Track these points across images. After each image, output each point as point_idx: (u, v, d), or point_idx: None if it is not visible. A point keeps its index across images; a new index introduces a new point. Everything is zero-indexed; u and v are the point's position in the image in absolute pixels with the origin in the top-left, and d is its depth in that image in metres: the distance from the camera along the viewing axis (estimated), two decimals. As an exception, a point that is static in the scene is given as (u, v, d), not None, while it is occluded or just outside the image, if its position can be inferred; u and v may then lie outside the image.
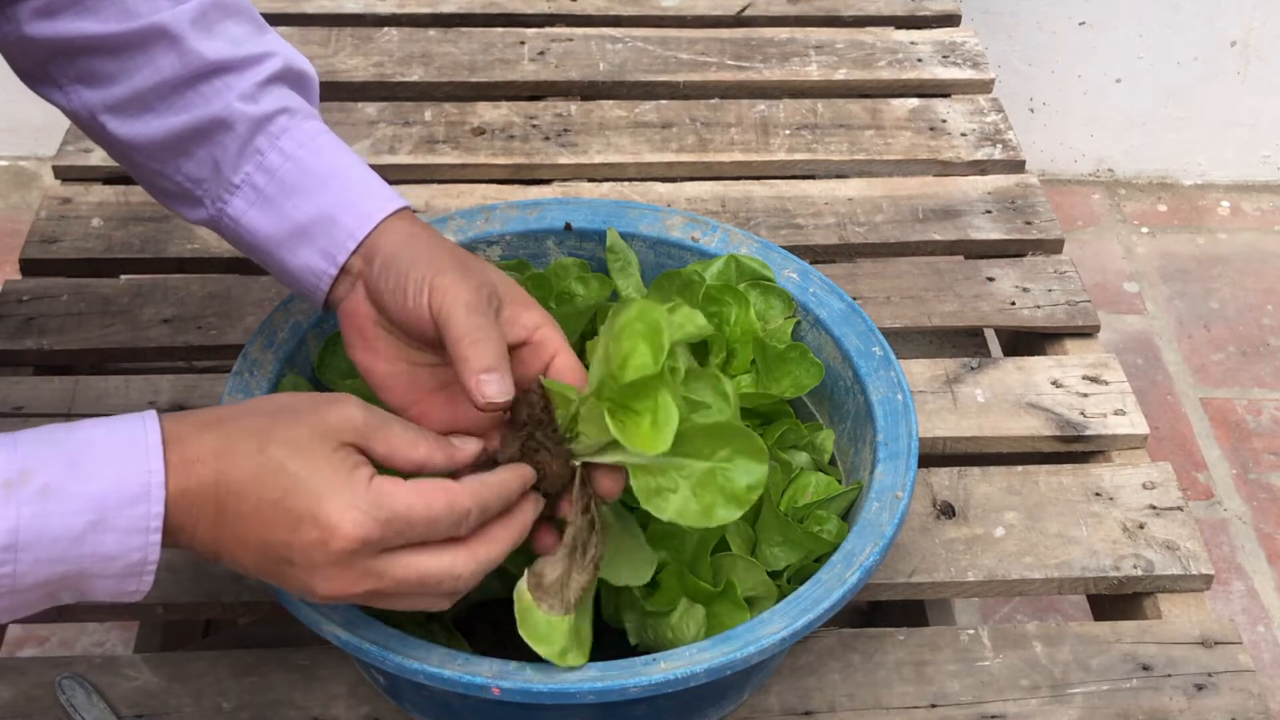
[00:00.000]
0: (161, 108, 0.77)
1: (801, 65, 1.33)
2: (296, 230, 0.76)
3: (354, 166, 0.78)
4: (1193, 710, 0.82)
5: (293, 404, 0.65)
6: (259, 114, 0.76)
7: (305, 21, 1.36)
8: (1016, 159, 1.24)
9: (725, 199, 1.18)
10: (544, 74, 1.30)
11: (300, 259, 0.76)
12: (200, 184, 0.78)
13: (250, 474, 0.62)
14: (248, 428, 0.63)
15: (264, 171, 0.76)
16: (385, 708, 0.80)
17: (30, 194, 2.05)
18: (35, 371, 1.02)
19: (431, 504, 0.63)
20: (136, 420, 0.62)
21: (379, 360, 0.74)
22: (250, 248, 0.78)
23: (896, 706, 0.82)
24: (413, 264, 0.72)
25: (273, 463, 0.62)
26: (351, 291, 0.75)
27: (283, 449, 0.62)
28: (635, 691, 0.67)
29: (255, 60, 0.78)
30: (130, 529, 0.60)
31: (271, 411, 0.64)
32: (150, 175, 0.80)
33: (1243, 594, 1.59)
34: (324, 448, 0.63)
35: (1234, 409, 1.81)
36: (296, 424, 0.63)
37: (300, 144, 0.77)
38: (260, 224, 0.77)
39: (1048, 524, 0.92)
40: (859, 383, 0.84)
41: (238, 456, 0.62)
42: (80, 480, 0.59)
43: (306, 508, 0.61)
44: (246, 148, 0.76)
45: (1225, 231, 2.11)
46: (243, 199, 0.77)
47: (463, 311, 0.69)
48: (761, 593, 0.77)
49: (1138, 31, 2.04)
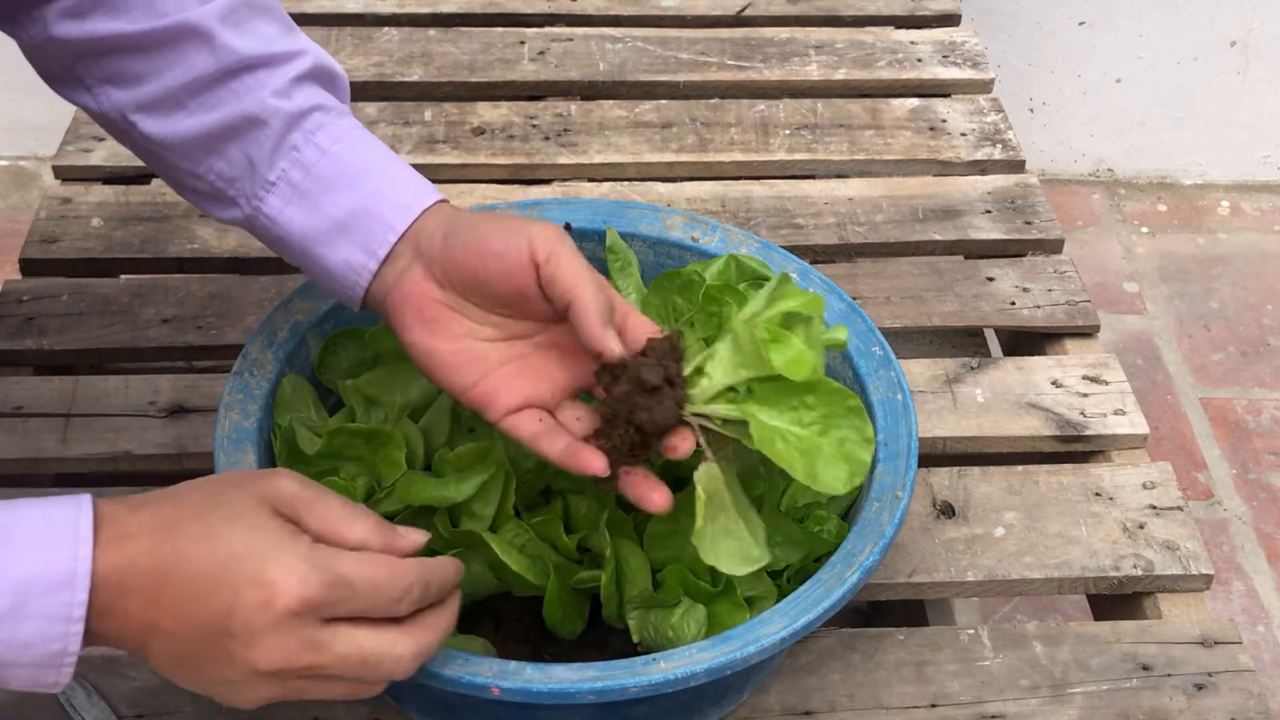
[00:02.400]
0: (194, 105, 0.76)
1: (801, 65, 1.33)
2: (335, 226, 0.75)
3: (391, 161, 0.77)
4: (1193, 710, 0.82)
5: (229, 478, 0.64)
6: (294, 110, 0.76)
7: (305, 21, 1.35)
8: (1016, 159, 1.24)
9: (725, 199, 1.18)
10: (544, 74, 1.30)
11: (340, 255, 0.75)
12: (234, 183, 0.77)
13: (190, 543, 0.60)
14: (186, 501, 0.62)
15: (300, 167, 0.76)
16: (385, 708, 0.80)
17: (30, 194, 2.05)
18: (35, 371, 1.02)
19: (376, 571, 0.61)
20: (71, 503, 0.60)
21: (441, 339, 0.73)
22: (286, 246, 0.77)
23: (896, 706, 0.82)
24: (489, 223, 0.71)
25: (213, 530, 0.60)
26: (404, 276, 0.74)
27: (222, 517, 0.61)
28: (635, 691, 0.67)
29: (287, 57, 0.77)
30: (51, 616, 0.58)
31: (208, 487, 0.64)
32: (182, 176, 0.79)
33: (1243, 594, 1.58)
34: (263, 516, 0.61)
35: (1234, 409, 1.81)
36: (234, 495, 0.62)
37: (336, 139, 0.76)
38: (298, 221, 0.76)
39: (1048, 524, 0.92)
40: (859, 383, 0.84)
41: (177, 528, 0.60)
42: (5, 562, 0.57)
43: (250, 570, 0.59)
44: (282, 144, 0.76)
45: (1225, 231, 2.11)
46: (279, 196, 0.76)
47: (571, 256, 0.69)
48: (761, 593, 0.77)
49: (1138, 31, 2.04)
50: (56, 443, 0.94)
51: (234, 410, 0.80)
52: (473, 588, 0.77)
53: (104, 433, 0.94)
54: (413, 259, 0.74)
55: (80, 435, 0.94)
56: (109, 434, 0.94)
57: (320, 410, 0.85)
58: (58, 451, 0.93)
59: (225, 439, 0.78)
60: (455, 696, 0.71)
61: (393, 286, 0.74)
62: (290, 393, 0.83)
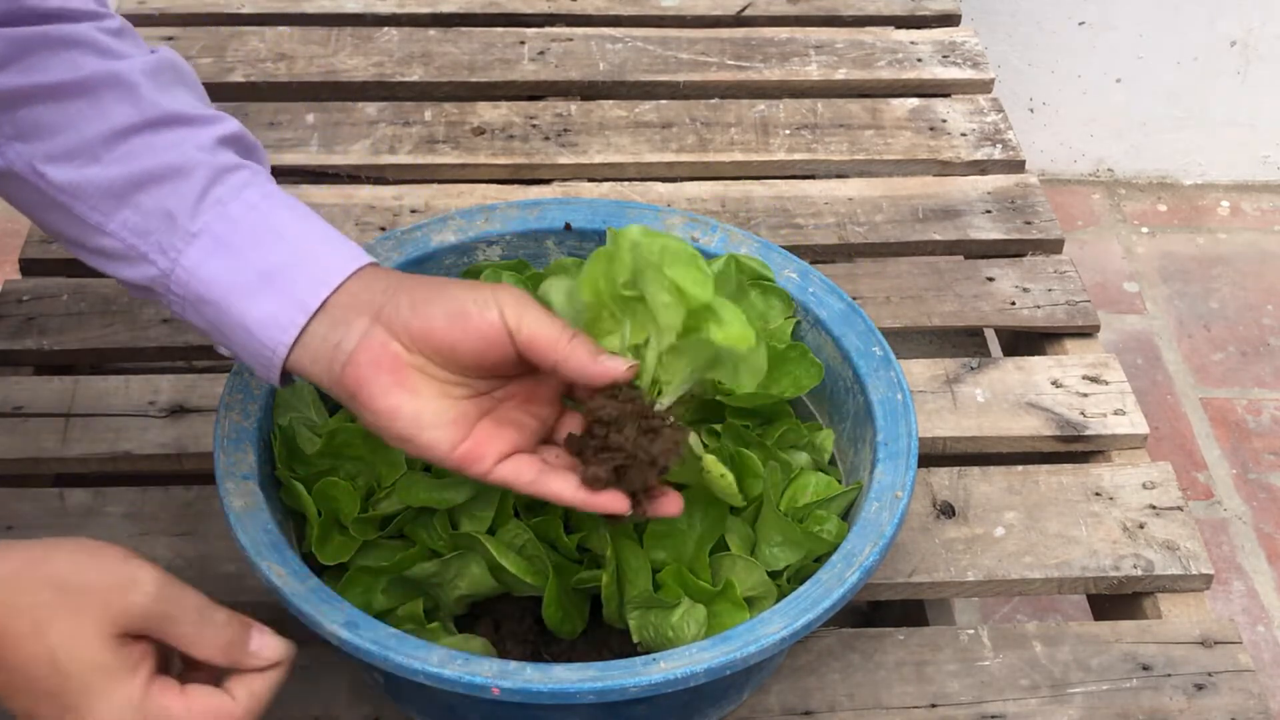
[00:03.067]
0: (109, 157, 0.72)
1: (801, 65, 1.33)
2: (261, 278, 0.70)
3: (321, 225, 0.74)
4: (1193, 710, 0.82)
5: (82, 580, 0.60)
6: (220, 164, 0.73)
7: (305, 21, 1.36)
8: (1016, 159, 1.24)
9: (725, 199, 1.18)
10: (544, 74, 1.30)
11: (265, 308, 0.70)
12: (147, 236, 0.72)
13: (26, 661, 0.59)
14: (26, 604, 0.59)
15: (226, 221, 0.72)
16: (385, 708, 0.80)
17: (30, 194, 2.05)
18: (35, 371, 1.02)
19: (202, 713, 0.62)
20: None
21: (422, 399, 0.69)
22: (206, 304, 0.72)
23: (896, 706, 0.82)
24: (457, 291, 0.70)
25: (48, 655, 0.59)
26: (367, 340, 0.69)
27: (61, 640, 0.59)
28: (635, 691, 0.67)
29: (211, 119, 0.75)
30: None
31: (59, 584, 0.60)
32: (87, 233, 0.74)
33: (1243, 594, 1.59)
34: (104, 643, 0.60)
35: (1234, 409, 1.81)
36: (81, 609, 0.60)
37: (266, 196, 0.73)
38: (220, 273, 0.71)
39: (1048, 524, 0.92)
40: (859, 383, 0.84)
41: (13, 637, 0.59)
42: None
43: (76, 707, 0.59)
44: (206, 196, 0.72)
45: (1225, 231, 2.11)
46: (200, 249, 0.71)
47: (536, 314, 0.69)
48: (761, 593, 0.77)
49: (1138, 31, 2.04)
50: (56, 443, 0.94)
51: (234, 410, 0.80)
52: (472, 589, 0.77)
53: (104, 433, 0.95)
54: (372, 323, 0.69)
55: (80, 435, 0.94)
56: (109, 434, 0.94)
57: (320, 410, 0.85)
58: (58, 451, 0.93)
59: (225, 439, 0.78)
60: (455, 696, 0.71)
61: (356, 351, 0.69)
62: (290, 393, 0.83)
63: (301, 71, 1.28)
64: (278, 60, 1.29)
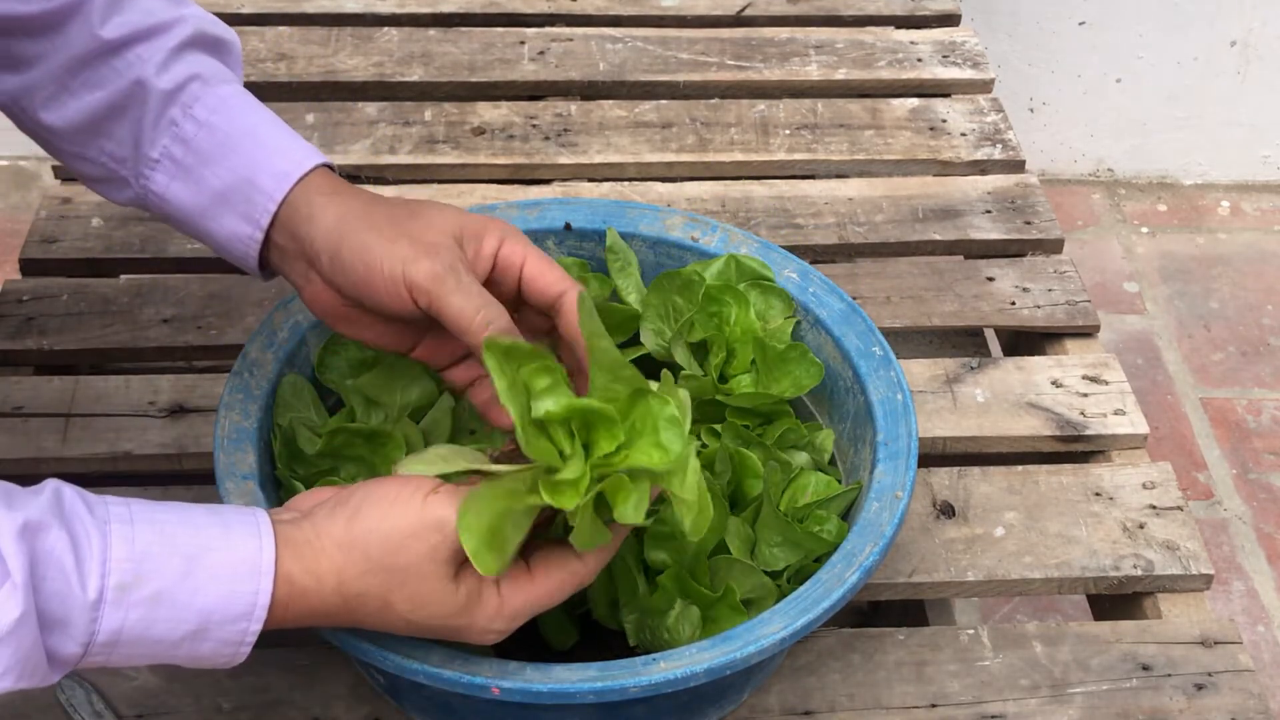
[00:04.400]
0: (76, 86, 0.76)
1: (801, 65, 1.33)
2: (217, 198, 0.75)
3: (267, 125, 0.77)
4: (1193, 710, 0.82)
5: (400, 552, 0.64)
6: (170, 84, 0.76)
7: (305, 21, 1.36)
8: (1016, 159, 1.24)
9: (725, 199, 1.18)
10: (544, 74, 1.29)
11: (226, 227, 0.75)
12: (124, 163, 0.77)
13: (386, 624, 0.66)
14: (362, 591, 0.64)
15: (180, 142, 0.76)
16: (385, 708, 0.80)
17: (30, 194, 2.05)
18: (35, 371, 1.02)
19: (553, 595, 0.67)
20: (253, 530, 0.62)
21: (367, 331, 0.76)
22: (180, 223, 0.78)
23: (896, 706, 0.82)
24: (367, 252, 0.71)
25: (404, 622, 0.65)
26: (308, 281, 0.75)
27: (409, 608, 0.64)
28: (635, 691, 0.67)
29: (166, 27, 0.77)
30: (227, 640, 0.62)
31: (384, 567, 0.64)
32: (75, 161, 0.79)
33: (1243, 594, 1.59)
34: (445, 592, 0.64)
35: (1234, 409, 1.81)
36: (412, 578, 0.64)
37: (213, 110, 0.76)
38: (183, 196, 0.76)
39: (1048, 524, 0.92)
40: (859, 383, 0.84)
41: (365, 617, 0.65)
42: (190, 591, 0.60)
43: (449, 636, 0.67)
44: (161, 119, 0.75)
45: (1225, 231, 2.11)
46: (163, 173, 0.76)
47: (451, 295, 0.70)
48: (760, 594, 0.77)
49: (1138, 31, 2.04)
50: (56, 443, 0.94)
51: (234, 410, 0.80)
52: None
53: (104, 433, 0.94)
54: (308, 269, 0.75)
55: (80, 435, 0.94)
56: (109, 434, 0.94)
57: (320, 410, 0.85)
58: (58, 451, 0.93)
59: (225, 439, 0.78)
60: (455, 696, 0.71)
61: (303, 286, 0.76)
62: (290, 393, 0.83)
63: (301, 71, 1.28)
64: (278, 60, 1.29)
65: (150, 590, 0.59)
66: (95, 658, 0.60)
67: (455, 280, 0.70)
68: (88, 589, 0.58)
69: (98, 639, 0.59)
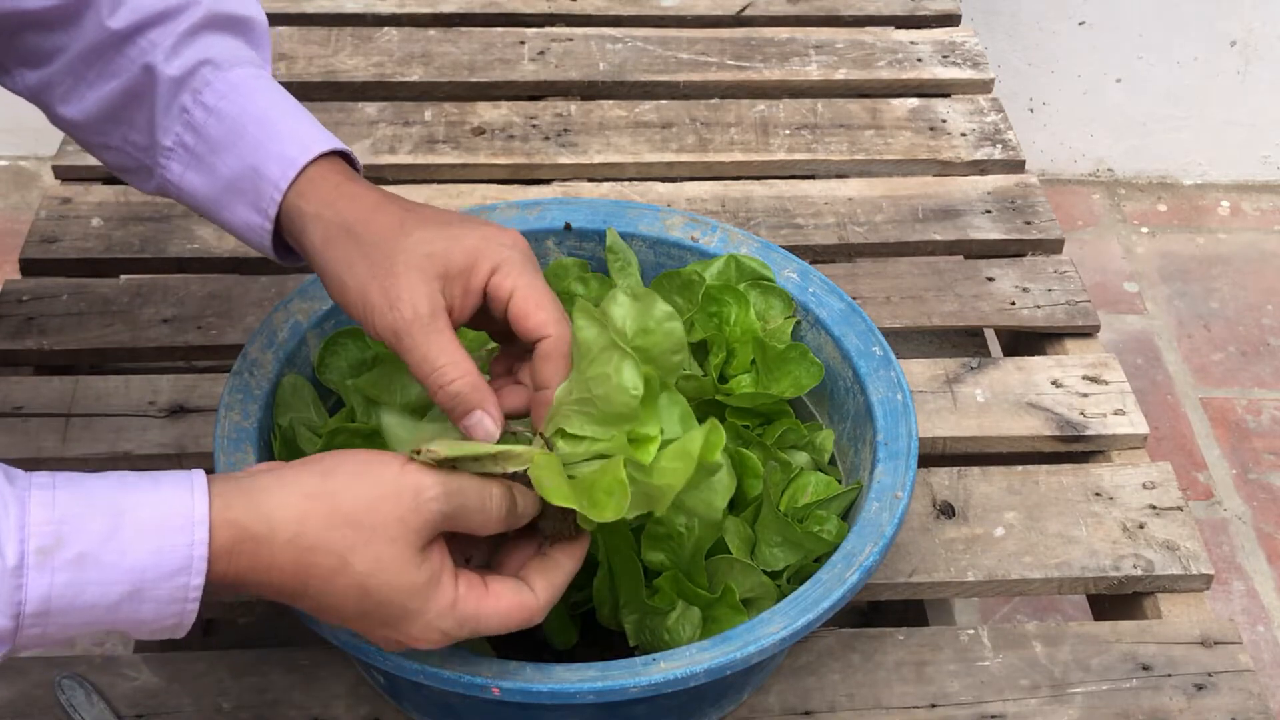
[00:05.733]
0: (92, 78, 0.76)
1: (801, 65, 1.33)
2: (227, 187, 0.74)
3: (278, 109, 0.75)
4: (1193, 710, 0.82)
5: (373, 511, 0.62)
6: (179, 70, 0.75)
7: (305, 21, 1.36)
8: (1016, 159, 1.24)
9: (725, 199, 1.18)
10: (544, 74, 1.29)
11: (239, 216, 0.75)
12: (146, 151, 0.77)
13: (338, 592, 0.62)
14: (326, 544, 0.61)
15: (191, 130, 0.75)
16: (385, 708, 0.80)
17: (30, 194, 2.05)
18: (35, 371, 1.02)
19: (509, 620, 0.65)
20: (184, 484, 0.60)
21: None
22: (200, 211, 0.77)
23: (896, 706, 0.82)
24: (342, 290, 0.70)
25: (358, 585, 0.62)
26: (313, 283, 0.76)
27: (368, 569, 0.61)
28: (635, 691, 0.67)
29: (175, 11, 0.76)
30: (169, 599, 0.59)
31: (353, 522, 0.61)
32: (101, 152, 0.79)
33: (1243, 594, 1.58)
34: (408, 563, 0.62)
35: (1234, 409, 1.81)
36: (379, 538, 0.61)
37: (222, 95, 0.75)
38: (197, 185, 0.75)
39: (1048, 524, 0.92)
40: (859, 383, 0.84)
41: (321, 573, 0.62)
42: (118, 551, 0.58)
43: (395, 624, 0.63)
44: (172, 106, 0.75)
45: (1225, 231, 2.11)
46: (178, 162, 0.75)
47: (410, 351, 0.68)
48: (760, 594, 0.77)
49: (1138, 31, 2.04)
50: (56, 443, 0.94)
51: (234, 410, 0.80)
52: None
53: (104, 433, 0.94)
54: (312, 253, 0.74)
55: (80, 435, 0.94)
56: (109, 434, 0.94)
57: (320, 410, 0.85)
58: (58, 451, 0.93)
59: (225, 439, 0.78)
60: (455, 696, 0.71)
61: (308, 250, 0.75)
62: (290, 393, 0.83)
63: (301, 71, 1.28)
64: (277, 60, 1.29)
65: (74, 552, 0.57)
66: (31, 630, 0.57)
67: (421, 333, 0.68)
68: (6, 556, 0.56)
69: (26, 609, 0.57)
